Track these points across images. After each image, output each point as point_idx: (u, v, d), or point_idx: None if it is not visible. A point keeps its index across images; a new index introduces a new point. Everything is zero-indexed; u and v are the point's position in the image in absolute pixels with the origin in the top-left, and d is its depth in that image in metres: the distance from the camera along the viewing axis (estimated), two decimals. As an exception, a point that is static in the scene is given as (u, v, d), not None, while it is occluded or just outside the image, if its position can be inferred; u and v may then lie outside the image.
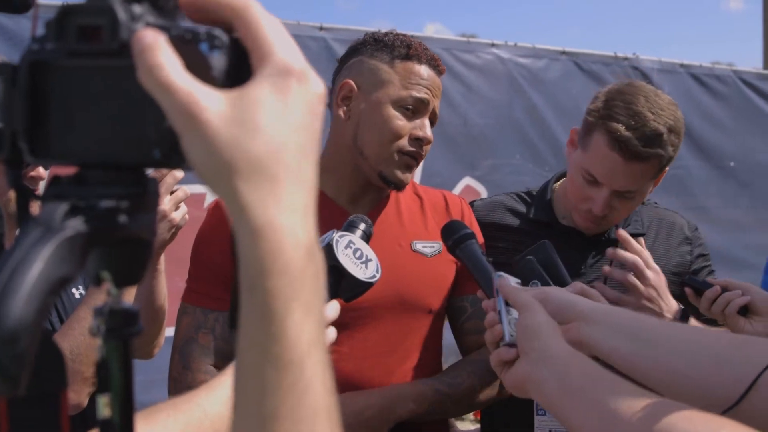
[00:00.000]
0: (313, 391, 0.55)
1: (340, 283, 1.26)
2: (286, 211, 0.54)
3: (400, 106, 1.79)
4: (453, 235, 1.62)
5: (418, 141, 1.80)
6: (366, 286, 1.29)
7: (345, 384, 1.73)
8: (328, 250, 1.26)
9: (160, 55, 0.52)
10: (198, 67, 0.53)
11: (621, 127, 1.79)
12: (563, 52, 5.26)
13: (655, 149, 1.80)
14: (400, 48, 1.81)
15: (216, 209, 1.82)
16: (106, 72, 0.54)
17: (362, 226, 1.36)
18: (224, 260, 1.71)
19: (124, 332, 0.57)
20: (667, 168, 1.91)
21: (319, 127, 0.57)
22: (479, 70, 4.91)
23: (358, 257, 1.28)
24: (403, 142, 1.79)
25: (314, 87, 0.56)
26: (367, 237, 1.35)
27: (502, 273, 1.35)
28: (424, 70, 1.81)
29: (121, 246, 0.56)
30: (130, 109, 0.54)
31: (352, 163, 1.84)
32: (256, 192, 0.53)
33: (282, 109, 0.54)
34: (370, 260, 1.30)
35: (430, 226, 1.90)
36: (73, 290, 1.72)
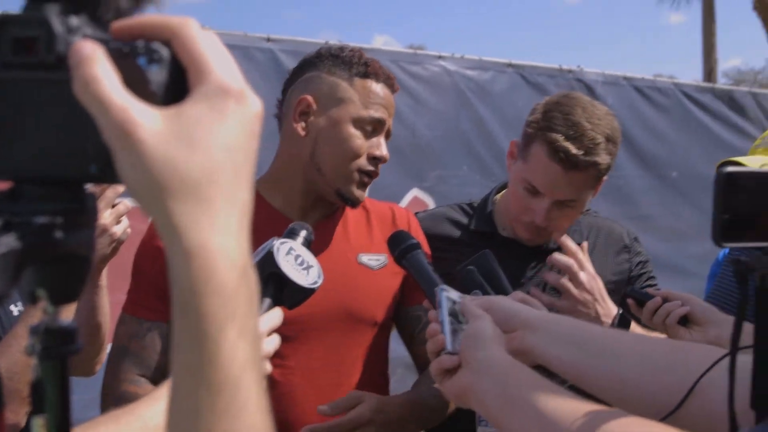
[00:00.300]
0: (248, 412, 0.55)
1: (282, 290, 1.25)
2: (220, 233, 0.53)
3: (360, 125, 1.79)
4: (399, 245, 1.62)
5: (375, 160, 1.82)
6: (308, 292, 1.28)
7: (292, 397, 1.72)
8: (269, 258, 1.24)
9: (97, 69, 0.51)
10: (136, 82, 0.53)
11: (560, 137, 1.83)
12: (509, 65, 5.31)
13: (593, 158, 1.84)
14: (359, 65, 1.81)
15: None
16: (43, 85, 0.53)
17: (303, 232, 1.35)
18: (164, 272, 1.68)
19: (60, 351, 0.56)
20: (605, 177, 1.94)
21: (256, 147, 0.56)
22: (426, 82, 4.94)
23: (300, 264, 1.27)
24: (362, 161, 1.80)
25: (252, 107, 0.56)
26: (308, 243, 1.34)
27: (445, 286, 1.35)
28: (381, 89, 1.82)
29: (58, 262, 0.55)
30: (67, 123, 0.53)
31: (304, 178, 1.83)
32: (189, 213, 0.52)
33: (219, 129, 0.54)
34: (312, 266, 1.29)
35: (376, 239, 1.90)
36: (12, 307, 1.68)
